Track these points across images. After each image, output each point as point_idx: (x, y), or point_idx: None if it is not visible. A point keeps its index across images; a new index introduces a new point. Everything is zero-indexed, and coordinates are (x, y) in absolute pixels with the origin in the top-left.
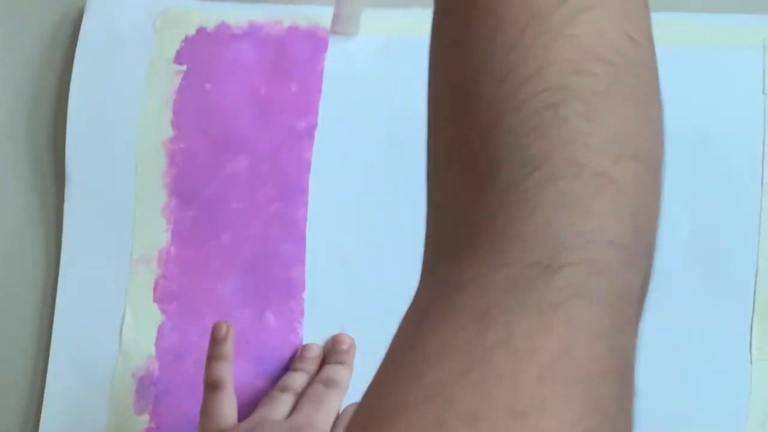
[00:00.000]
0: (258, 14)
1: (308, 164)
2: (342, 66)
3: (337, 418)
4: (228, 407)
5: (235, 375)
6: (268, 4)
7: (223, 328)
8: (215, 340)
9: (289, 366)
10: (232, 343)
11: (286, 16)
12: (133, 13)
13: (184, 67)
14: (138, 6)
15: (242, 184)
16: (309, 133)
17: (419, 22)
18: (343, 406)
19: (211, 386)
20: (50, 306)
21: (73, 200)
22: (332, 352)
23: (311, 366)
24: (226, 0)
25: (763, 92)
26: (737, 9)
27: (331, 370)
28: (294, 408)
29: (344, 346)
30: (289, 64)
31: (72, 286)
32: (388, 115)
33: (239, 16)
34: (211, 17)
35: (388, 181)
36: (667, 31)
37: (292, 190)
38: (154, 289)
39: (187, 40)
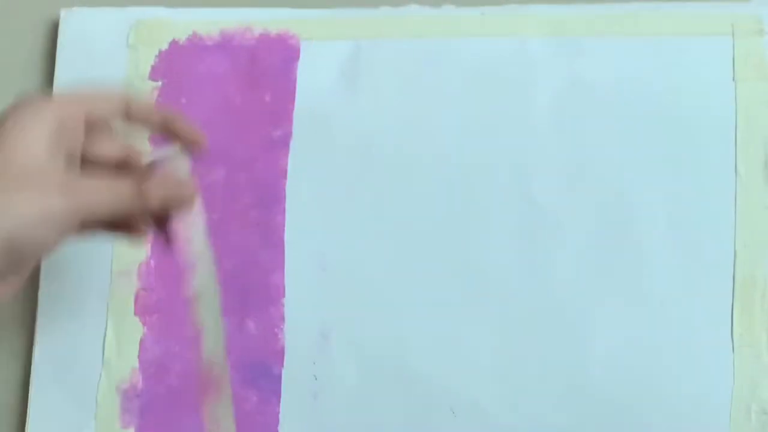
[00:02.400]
0: (228, 20)
1: (284, 172)
2: (314, 73)
3: None
4: None
5: None
6: (237, 8)
7: None
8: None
9: (271, 372)
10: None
11: (256, 22)
12: (107, 27)
13: (159, 83)
14: (111, 19)
15: (220, 194)
16: (284, 142)
17: (388, 26)
18: None
19: None
20: (31, 321)
21: None
22: None
23: None
24: (196, 6)
25: (733, 79)
26: None
27: None
28: None
29: None
30: (262, 74)
31: (52, 300)
32: (360, 120)
33: (210, 24)
34: (182, 28)
35: (364, 185)
36: (635, 21)
37: (270, 198)
38: (135, 301)
39: (160, 54)
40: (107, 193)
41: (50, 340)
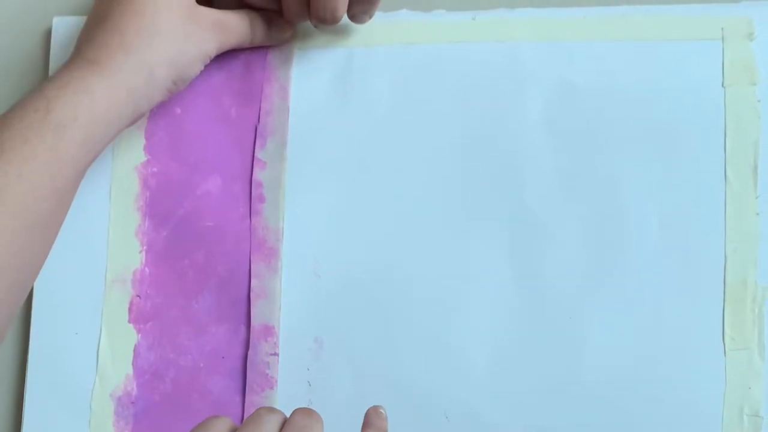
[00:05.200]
0: None
1: None
2: (307, 81)
3: None
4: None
5: (212, 390)
6: None
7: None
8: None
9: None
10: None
11: None
12: None
13: None
14: None
15: (215, 202)
16: None
17: (380, 32)
18: None
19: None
20: (25, 329)
21: None
22: None
23: None
24: None
25: (723, 84)
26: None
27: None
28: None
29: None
30: (257, 84)
31: (47, 308)
32: (354, 127)
33: None
34: None
35: (358, 191)
36: (626, 26)
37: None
38: (129, 309)
39: None
40: (245, 31)
41: (44, 346)
